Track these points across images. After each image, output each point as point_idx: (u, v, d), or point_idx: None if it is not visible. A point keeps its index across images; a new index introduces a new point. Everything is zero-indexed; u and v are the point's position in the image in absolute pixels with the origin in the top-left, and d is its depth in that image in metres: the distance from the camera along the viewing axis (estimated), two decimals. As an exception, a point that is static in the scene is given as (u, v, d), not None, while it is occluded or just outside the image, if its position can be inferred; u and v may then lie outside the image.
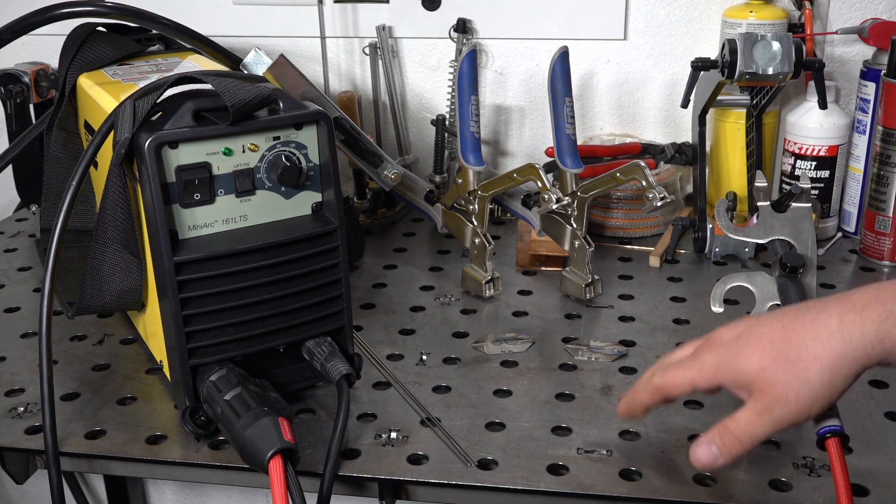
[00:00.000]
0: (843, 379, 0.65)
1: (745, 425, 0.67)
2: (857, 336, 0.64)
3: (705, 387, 0.71)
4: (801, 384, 0.65)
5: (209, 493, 1.75)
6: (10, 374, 0.97)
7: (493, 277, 1.11)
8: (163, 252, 0.79)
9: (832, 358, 0.64)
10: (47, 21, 1.06)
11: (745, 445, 0.67)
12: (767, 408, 0.66)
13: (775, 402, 0.65)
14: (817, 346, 0.64)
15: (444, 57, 1.41)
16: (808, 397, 0.65)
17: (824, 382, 0.64)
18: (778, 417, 0.66)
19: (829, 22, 1.30)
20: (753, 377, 0.67)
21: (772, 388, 0.66)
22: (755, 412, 0.67)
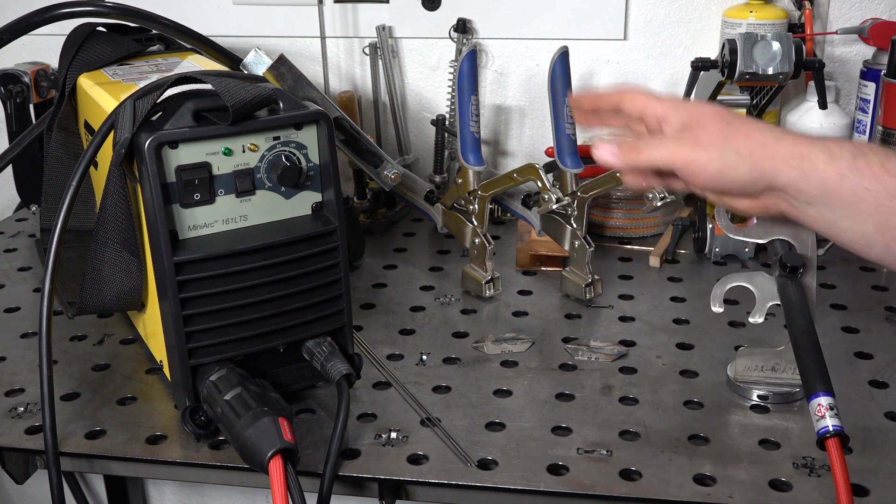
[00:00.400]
0: (759, 174, 0.65)
1: (654, 141, 0.70)
2: (789, 141, 0.65)
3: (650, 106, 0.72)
4: (723, 141, 0.66)
5: (209, 493, 1.75)
6: (10, 374, 0.97)
7: (493, 277, 1.11)
8: (163, 252, 0.79)
9: (762, 145, 0.65)
10: (47, 21, 1.05)
11: (642, 156, 0.70)
12: (681, 139, 0.68)
13: (693, 140, 0.67)
14: (754, 129, 0.66)
15: (444, 57, 1.41)
16: (717, 153, 0.66)
17: (740, 155, 0.65)
18: (683, 153, 0.67)
19: (829, 22, 1.30)
20: (699, 118, 0.68)
21: (699, 129, 0.68)
22: (669, 138, 0.70)
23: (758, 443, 0.83)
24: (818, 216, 0.64)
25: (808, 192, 0.63)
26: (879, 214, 0.61)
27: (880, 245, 0.62)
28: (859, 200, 0.61)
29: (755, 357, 0.91)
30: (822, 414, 0.73)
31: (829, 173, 0.62)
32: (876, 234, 0.61)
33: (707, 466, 0.80)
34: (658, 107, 0.72)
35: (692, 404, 0.89)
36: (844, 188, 0.61)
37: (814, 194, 0.63)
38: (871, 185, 0.60)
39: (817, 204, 0.63)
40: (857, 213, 0.61)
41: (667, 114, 0.71)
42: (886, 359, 0.97)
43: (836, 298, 1.10)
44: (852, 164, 0.61)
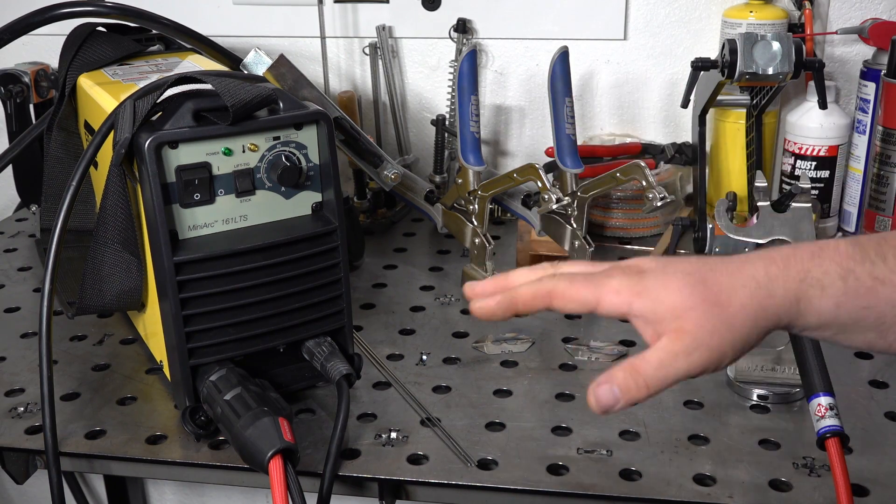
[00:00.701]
0: (758, 333, 0.60)
1: (656, 367, 0.59)
2: (780, 292, 0.59)
3: (611, 311, 0.61)
4: (726, 330, 0.59)
5: (209, 493, 1.75)
6: (10, 374, 0.97)
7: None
8: (163, 252, 0.79)
9: (756, 309, 0.59)
10: (47, 21, 1.05)
11: (652, 391, 0.60)
12: (686, 350, 0.59)
13: (698, 346, 0.59)
14: (745, 295, 0.60)
15: (444, 57, 1.41)
16: (728, 345, 0.60)
17: (745, 333, 0.60)
18: (695, 362, 0.59)
19: (829, 22, 1.30)
20: (678, 314, 0.59)
21: (698, 330, 0.59)
22: (671, 353, 0.59)
23: (758, 443, 0.83)
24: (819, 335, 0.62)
25: (807, 325, 0.61)
26: (881, 324, 0.59)
27: (883, 345, 0.61)
28: (860, 319, 0.59)
29: (755, 357, 0.91)
30: (822, 414, 0.73)
31: (824, 306, 0.59)
32: (878, 340, 0.60)
33: (707, 466, 0.80)
34: (618, 306, 0.61)
35: (692, 404, 0.89)
36: (842, 315, 0.59)
37: (812, 324, 0.60)
38: (868, 303, 0.58)
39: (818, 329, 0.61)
40: (858, 328, 0.60)
41: (634, 312, 0.60)
42: (886, 359, 0.97)
43: (836, 298, 1.10)
44: (844, 289, 0.59)
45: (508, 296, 0.67)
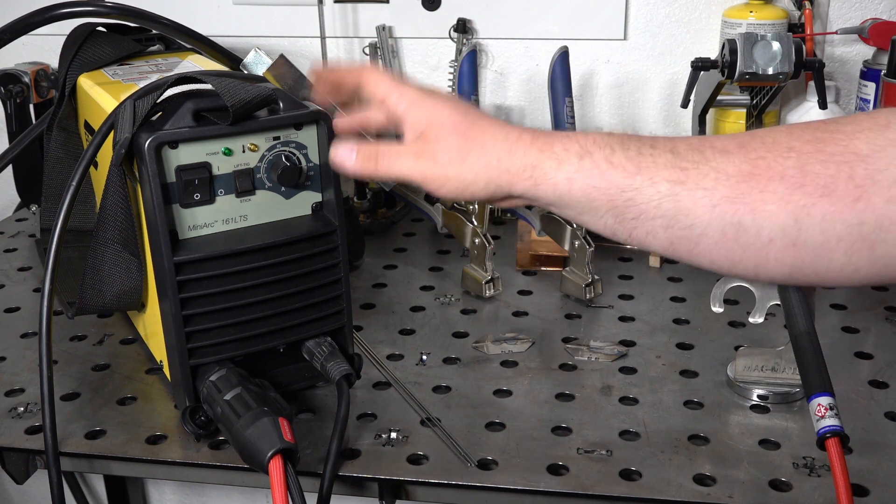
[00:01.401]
0: (488, 183, 0.66)
1: (394, 155, 0.70)
2: (520, 152, 0.65)
3: (391, 108, 0.72)
4: (458, 158, 0.67)
5: (209, 493, 1.75)
6: (10, 374, 0.97)
7: (493, 277, 1.11)
8: (163, 252, 0.79)
9: (495, 154, 0.66)
10: (47, 21, 1.06)
11: (380, 170, 0.71)
12: (420, 154, 0.69)
13: (429, 155, 0.68)
14: (491, 140, 0.66)
15: (444, 57, 1.41)
16: (454, 171, 0.67)
17: (474, 171, 0.67)
18: (421, 168, 0.68)
19: (829, 22, 1.30)
20: (432, 126, 0.69)
21: (437, 143, 0.68)
22: (409, 151, 0.70)
23: (758, 443, 0.83)
24: (560, 213, 0.66)
25: (543, 198, 0.65)
26: (614, 208, 0.62)
27: (624, 232, 0.63)
28: (592, 199, 0.62)
29: (755, 357, 0.91)
30: (822, 414, 0.73)
31: (559, 180, 0.63)
32: (616, 224, 0.63)
33: (707, 466, 0.80)
34: (398, 101, 0.72)
35: (692, 404, 0.89)
36: (575, 190, 0.62)
37: (549, 198, 0.64)
38: (599, 182, 0.62)
39: (556, 205, 0.65)
40: (594, 210, 0.63)
41: (406, 115, 0.71)
42: (886, 359, 0.97)
43: (836, 298, 1.10)
44: (578, 166, 0.62)
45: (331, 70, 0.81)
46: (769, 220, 0.57)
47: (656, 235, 0.61)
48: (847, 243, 0.56)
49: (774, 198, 0.57)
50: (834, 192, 0.56)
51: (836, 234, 0.56)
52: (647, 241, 0.62)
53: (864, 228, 0.55)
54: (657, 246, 0.62)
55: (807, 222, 0.56)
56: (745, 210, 0.58)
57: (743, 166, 0.58)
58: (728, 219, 0.58)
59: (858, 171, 0.55)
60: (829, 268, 0.57)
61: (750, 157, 0.59)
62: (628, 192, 0.61)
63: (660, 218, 0.60)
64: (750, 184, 0.58)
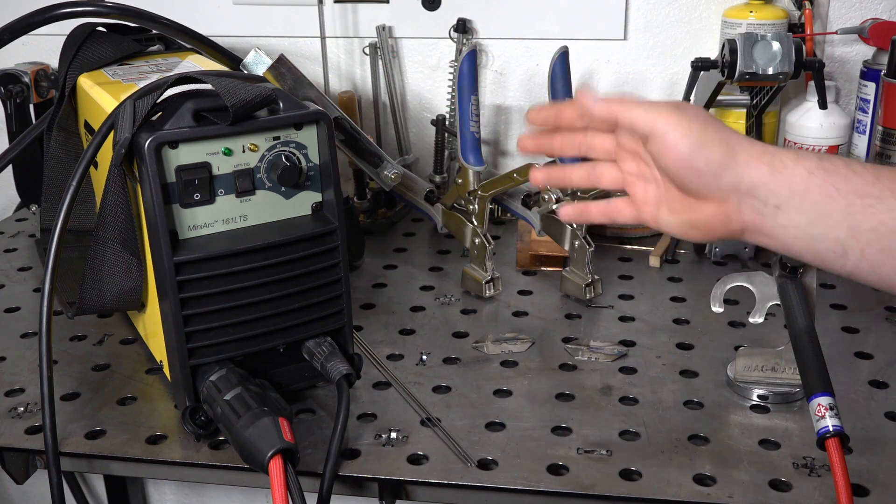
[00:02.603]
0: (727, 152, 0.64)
1: (638, 100, 0.67)
2: (759, 144, 0.64)
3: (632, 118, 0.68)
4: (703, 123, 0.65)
5: (209, 493, 1.75)
6: (10, 374, 0.97)
7: (493, 277, 1.11)
8: (163, 252, 0.79)
9: (733, 135, 0.64)
10: (47, 21, 1.05)
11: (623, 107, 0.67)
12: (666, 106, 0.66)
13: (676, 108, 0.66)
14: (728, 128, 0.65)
15: (444, 57, 1.41)
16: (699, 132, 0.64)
17: (719, 138, 0.64)
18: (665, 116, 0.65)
19: (829, 22, 1.30)
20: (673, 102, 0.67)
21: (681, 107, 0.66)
22: (654, 104, 0.67)
23: (758, 443, 0.83)
24: (788, 223, 0.62)
25: (777, 192, 0.61)
26: (851, 215, 0.59)
27: (856, 251, 0.60)
28: (830, 200, 0.60)
29: (755, 357, 0.91)
30: (822, 414, 0.73)
31: (798, 170, 0.61)
32: (850, 239, 0.60)
33: (707, 466, 0.80)
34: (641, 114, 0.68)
35: (692, 404, 0.89)
36: (813, 185, 0.60)
37: (783, 194, 0.61)
38: (839, 183, 0.59)
39: (786, 207, 0.61)
40: (828, 216, 0.60)
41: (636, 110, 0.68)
42: (886, 359, 0.97)
43: (836, 298, 1.10)
44: (818, 164, 0.61)
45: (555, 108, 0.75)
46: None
47: (892, 253, 0.58)
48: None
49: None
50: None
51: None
52: (879, 261, 0.59)
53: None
54: (891, 268, 0.59)
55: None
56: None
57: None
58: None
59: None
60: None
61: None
62: (868, 198, 0.58)
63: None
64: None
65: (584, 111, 0.71)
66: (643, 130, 0.67)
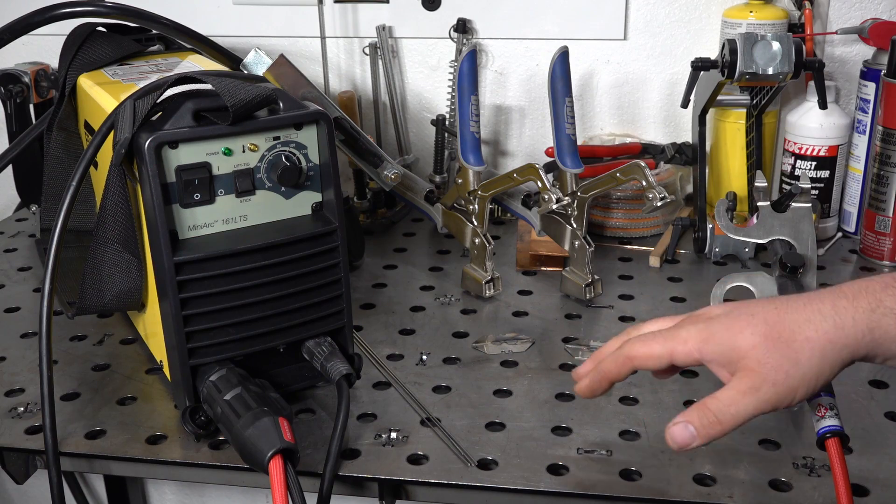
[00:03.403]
0: (830, 366, 0.63)
1: (727, 405, 0.64)
2: (849, 323, 0.62)
3: (685, 360, 0.67)
4: (791, 365, 0.62)
5: (209, 493, 1.75)
6: (10, 374, 0.97)
7: (493, 277, 1.11)
8: (163, 252, 0.79)
9: (824, 343, 0.62)
10: (47, 21, 1.05)
11: (726, 427, 0.64)
12: (754, 387, 0.63)
13: (763, 382, 0.63)
14: (810, 329, 0.62)
15: (444, 57, 1.41)
16: (797, 380, 0.63)
17: (813, 366, 0.62)
18: (763, 398, 0.63)
19: (829, 22, 1.30)
20: (743, 353, 0.63)
21: (761, 367, 0.63)
22: (739, 391, 0.63)
23: (758, 443, 0.83)
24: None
25: (890, 353, 0.63)
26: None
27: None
28: None
29: (755, 357, 0.91)
30: (822, 414, 0.73)
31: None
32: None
33: (707, 466, 0.80)
34: (688, 354, 0.66)
35: (692, 404, 0.89)
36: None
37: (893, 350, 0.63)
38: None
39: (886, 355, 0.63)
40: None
41: (704, 356, 0.66)
42: (886, 359, 0.97)
43: (836, 298, 1.10)
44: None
45: (597, 372, 0.72)
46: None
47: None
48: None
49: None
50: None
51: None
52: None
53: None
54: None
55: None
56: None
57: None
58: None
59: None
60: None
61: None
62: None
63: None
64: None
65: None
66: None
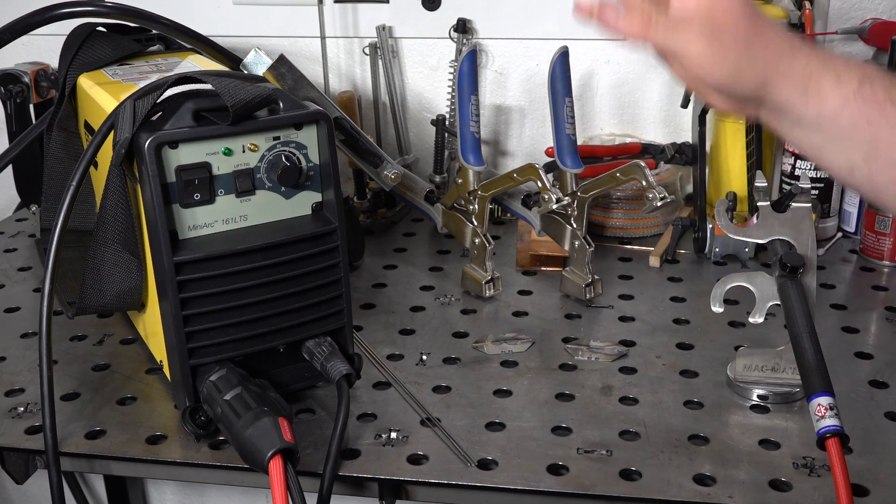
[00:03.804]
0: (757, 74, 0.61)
1: (673, 22, 0.63)
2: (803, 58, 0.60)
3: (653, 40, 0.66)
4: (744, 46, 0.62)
5: (209, 493, 1.75)
6: (10, 374, 0.97)
7: (493, 277, 1.11)
8: (163, 252, 0.79)
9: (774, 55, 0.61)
10: (47, 21, 1.05)
11: (652, 34, 0.64)
12: (704, 30, 0.62)
13: (713, 36, 0.62)
14: (774, 38, 0.62)
15: (444, 57, 1.41)
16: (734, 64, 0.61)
17: (755, 66, 0.61)
18: (699, 48, 0.62)
19: (829, 22, 1.30)
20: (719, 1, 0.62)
21: (724, 23, 0.62)
22: (692, 22, 0.63)
23: (758, 443, 0.83)
24: (804, 138, 0.61)
25: (804, 114, 0.60)
26: (872, 145, 0.58)
27: (863, 173, 0.59)
28: (856, 129, 0.58)
29: (755, 357, 0.91)
30: (822, 414, 0.73)
31: (833, 98, 0.58)
32: (862, 163, 0.59)
33: (707, 466, 0.80)
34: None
35: (692, 404, 0.89)
36: (845, 116, 0.58)
37: (808, 117, 0.60)
38: (873, 114, 0.58)
39: (808, 127, 0.60)
40: (849, 140, 0.59)
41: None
42: (886, 359, 0.97)
43: (836, 298, 1.10)
44: (858, 90, 0.58)
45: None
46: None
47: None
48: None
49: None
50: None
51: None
52: (883, 187, 0.57)
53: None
54: (890, 196, 0.57)
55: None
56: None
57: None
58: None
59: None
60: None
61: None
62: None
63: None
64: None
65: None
66: (675, 55, 0.64)
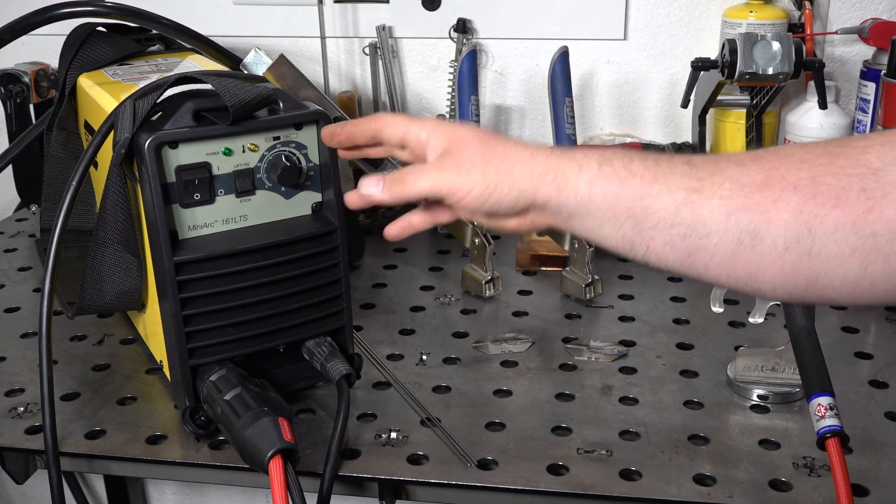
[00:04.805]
0: (509, 185, 0.67)
1: (417, 171, 0.70)
2: (542, 159, 0.66)
3: (415, 135, 0.72)
4: (483, 164, 0.67)
5: (209, 493, 1.75)
6: (10, 374, 0.97)
7: (493, 277, 1.11)
8: (163, 252, 0.79)
9: (515, 163, 0.67)
10: (47, 21, 1.06)
11: (406, 189, 0.71)
12: (443, 165, 0.69)
13: (455, 166, 0.68)
14: (511, 149, 0.68)
15: (444, 57, 1.41)
16: (478, 176, 0.67)
17: (500, 176, 0.67)
18: (447, 180, 0.68)
19: (829, 22, 1.30)
20: (456, 140, 0.70)
21: (458, 154, 0.69)
22: (431, 165, 0.70)
23: (758, 443, 0.83)
24: (581, 226, 0.65)
25: (566, 204, 0.65)
26: (633, 217, 0.62)
27: (642, 244, 0.63)
28: (613, 206, 0.63)
29: (755, 357, 0.91)
30: (822, 414, 0.73)
31: (580, 185, 0.64)
32: (636, 236, 0.63)
33: (707, 466, 0.80)
34: (419, 131, 0.72)
35: (692, 404, 0.89)
36: (596, 196, 0.63)
37: (571, 206, 0.65)
38: (618, 189, 0.62)
39: (578, 214, 0.65)
40: (613, 218, 0.63)
41: (428, 138, 0.71)
42: (886, 359, 0.97)
43: (836, 298, 1.10)
44: (598, 172, 0.63)
45: (343, 125, 0.78)
46: (784, 228, 0.57)
47: (674, 246, 0.61)
48: (861, 254, 0.56)
49: (788, 207, 0.57)
50: (846, 203, 0.56)
51: (850, 245, 0.56)
52: (664, 254, 0.62)
53: (878, 240, 0.55)
54: (674, 259, 0.62)
55: (820, 231, 0.56)
56: (760, 219, 0.58)
57: (757, 177, 0.59)
58: (744, 227, 0.58)
59: (870, 184, 0.56)
60: (845, 280, 0.57)
61: (764, 168, 0.59)
62: (646, 199, 0.61)
63: (677, 226, 0.60)
64: (764, 193, 0.58)
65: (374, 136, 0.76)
66: (432, 195, 0.71)
